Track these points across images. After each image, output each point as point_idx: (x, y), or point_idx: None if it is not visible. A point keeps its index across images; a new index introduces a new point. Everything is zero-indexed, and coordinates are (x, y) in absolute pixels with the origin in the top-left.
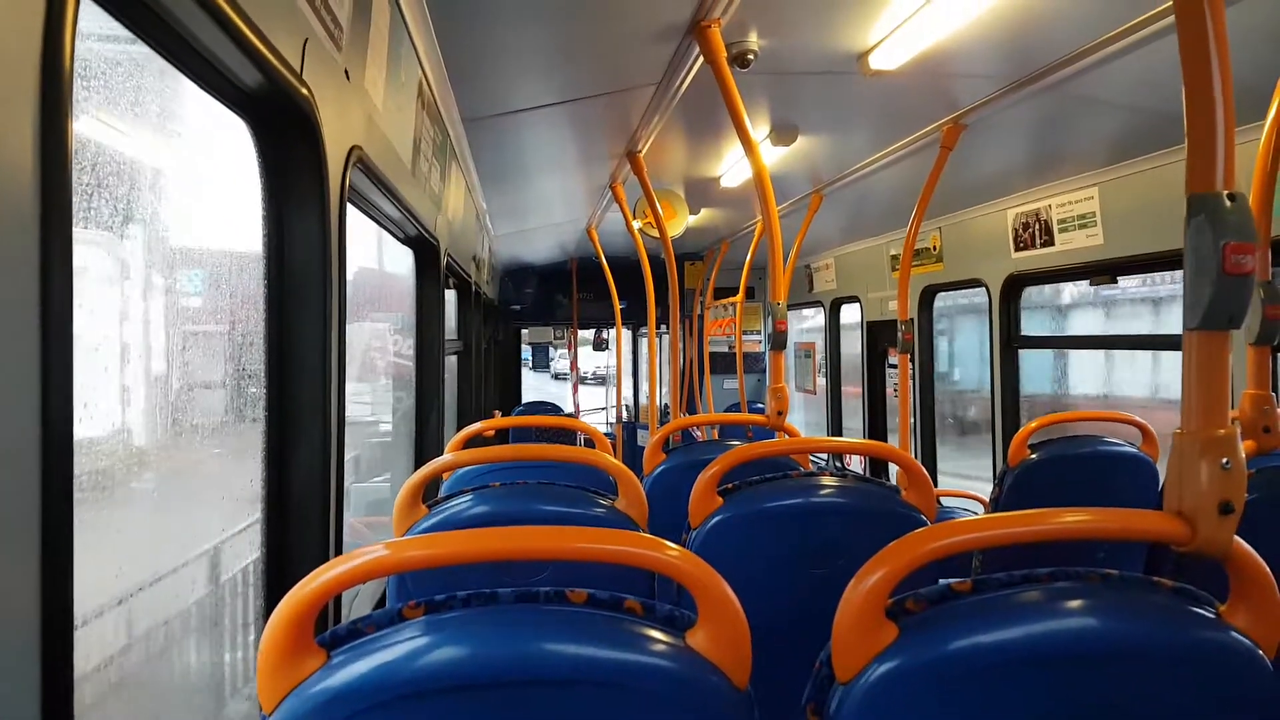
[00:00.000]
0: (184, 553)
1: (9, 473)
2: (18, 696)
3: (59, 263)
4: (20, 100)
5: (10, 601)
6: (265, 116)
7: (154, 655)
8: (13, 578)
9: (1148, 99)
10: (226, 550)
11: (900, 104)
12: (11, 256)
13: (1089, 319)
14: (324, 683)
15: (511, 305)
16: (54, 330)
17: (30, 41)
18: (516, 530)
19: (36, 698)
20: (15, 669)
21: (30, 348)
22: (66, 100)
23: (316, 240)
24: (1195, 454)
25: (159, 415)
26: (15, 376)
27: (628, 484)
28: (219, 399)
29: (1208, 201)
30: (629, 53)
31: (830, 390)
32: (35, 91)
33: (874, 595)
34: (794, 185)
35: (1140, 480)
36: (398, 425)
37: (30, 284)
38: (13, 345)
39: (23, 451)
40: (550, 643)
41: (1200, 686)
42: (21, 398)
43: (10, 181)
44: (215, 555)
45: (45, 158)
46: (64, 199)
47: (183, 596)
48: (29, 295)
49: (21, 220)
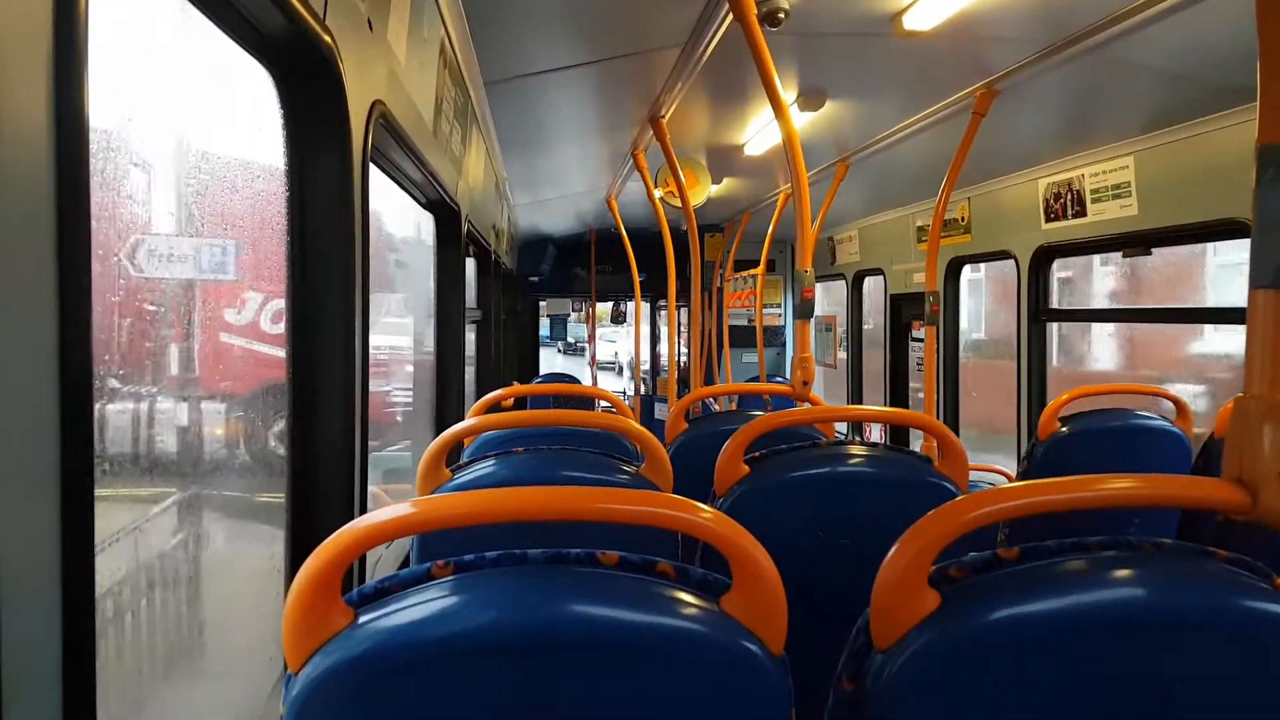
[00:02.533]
0: None
1: (30, 457)
2: (40, 688)
3: (76, 235)
4: (34, 66)
5: (31, 591)
6: (287, 64)
7: None
8: (34, 570)
9: (1188, 64)
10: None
11: (932, 68)
12: (29, 227)
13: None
14: (351, 640)
15: (530, 276)
16: (71, 312)
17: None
18: (545, 490)
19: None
20: (37, 652)
21: (49, 328)
22: (82, 61)
23: (339, 198)
24: (1259, 419)
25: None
26: (33, 358)
27: (652, 450)
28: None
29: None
30: (655, 11)
31: (851, 363)
32: (49, 53)
33: (917, 562)
34: (819, 154)
35: (1174, 455)
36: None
37: (48, 264)
38: (31, 326)
39: (43, 433)
40: (582, 605)
41: (1256, 659)
42: (41, 382)
43: (25, 149)
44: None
45: (60, 120)
46: (81, 166)
47: None
48: (47, 276)
49: (38, 193)
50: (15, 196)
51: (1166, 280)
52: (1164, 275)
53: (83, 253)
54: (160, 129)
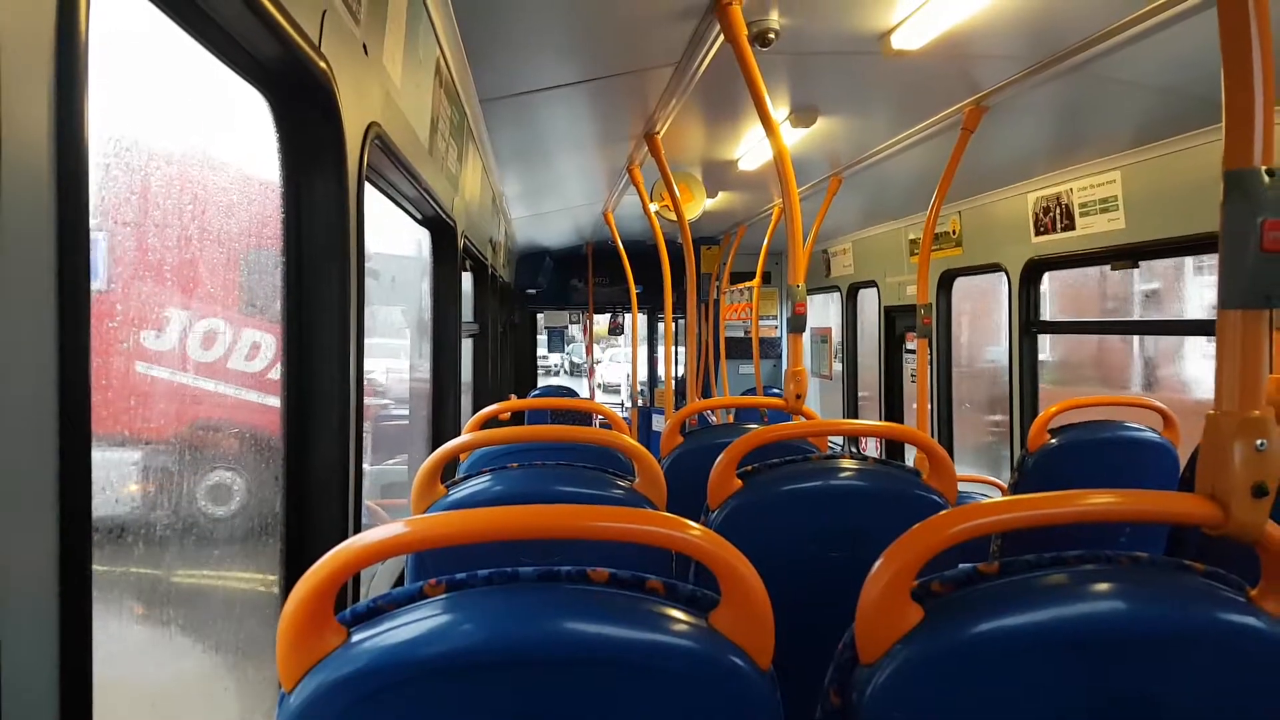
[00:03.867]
0: None
1: (29, 452)
2: (35, 685)
3: (75, 243)
4: (35, 77)
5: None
6: (283, 90)
7: None
8: (33, 566)
9: (1173, 80)
10: None
11: (921, 85)
12: (29, 234)
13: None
14: (345, 659)
15: (527, 289)
16: (70, 313)
17: (44, 13)
18: (538, 508)
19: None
20: (33, 655)
21: (48, 329)
22: (83, 76)
23: (335, 219)
24: (1229, 435)
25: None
26: (32, 360)
27: (646, 465)
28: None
29: (1245, 177)
30: (649, 31)
31: (847, 376)
32: (50, 66)
33: (899, 577)
34: (812, 168)
35: (1162, 466)
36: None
37: (48, 268)
38: (31, 327)
39: (42, 432)
40: (572, 622)
41: (1230, 671)
42: (40, 384)
43: (25, 161)
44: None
45: (60, 133)
46: (79, 176)
47: None
48: (46, 280)
49: (38, 199)
50: (17, 204)
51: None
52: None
53: (82, 258)
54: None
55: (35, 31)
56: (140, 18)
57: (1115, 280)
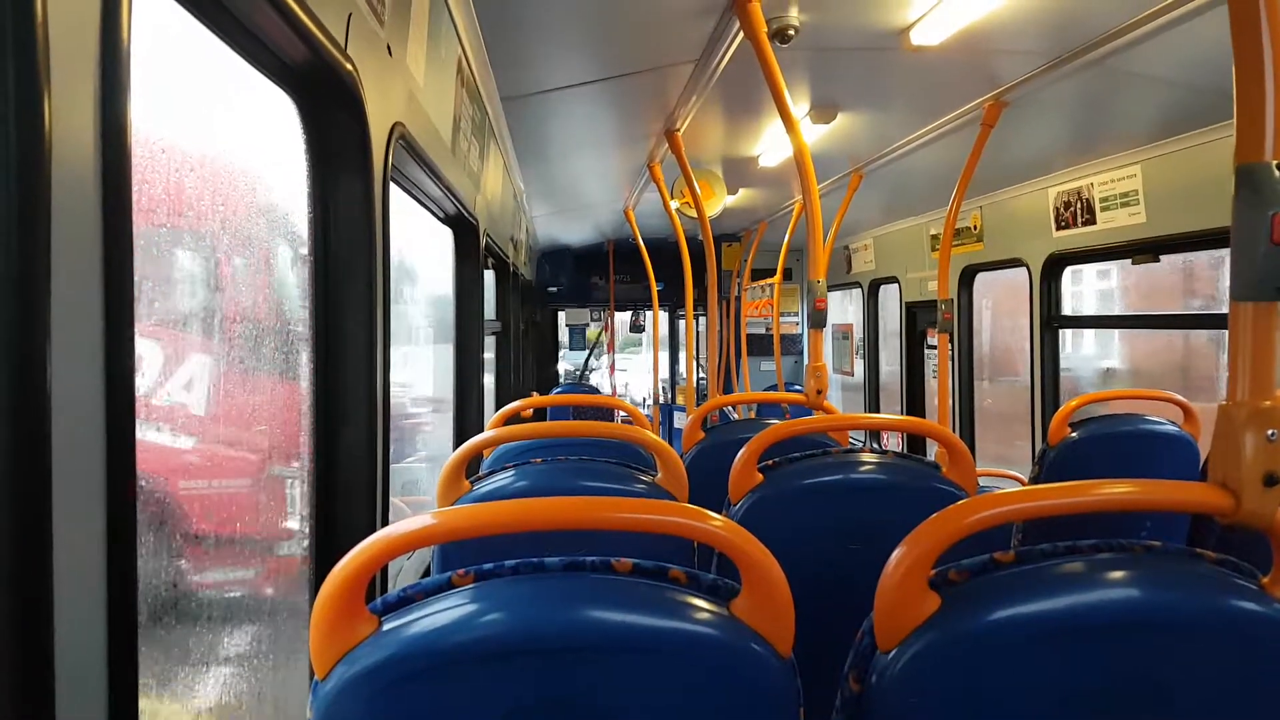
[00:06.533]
0: None
1: (76, 464)
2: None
3: (120, 247)
4: (80, 83)
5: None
6: (310, 92)
7: None
8: (81, 569)
9: (1193, 74)
10: None
11: (941, 81)
12: (76, 239)
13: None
14: (376, 647)
15: (549, 287)
16: (116, 318)
17: (89, 21)
18: (562, 500)
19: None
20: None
21: (95, 335)
22: (125, 80)
23: (361, 218)
24: (1241, 425)
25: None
26: (80, 363)
27: (668, 460)
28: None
29: (1257, 171)
30: (668, 29)
31: (868, 372)
32: (95, 73)
33: (917, 565)
34: (833, 164)
35: (1182, 459)
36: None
37: (94, 272)
38: (78, 333)
39: (89, 439)
40: (597, 610)
41: (1243, 658)
42: (87, 386)
43: (73, 164)
44: None
45: (105, 139)
46: (124, 181)
47: None
48: (93, 284)
49: (85, 203)
50: (66, 205)
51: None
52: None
53: (127, 256)
54: None
55: (81, 35)
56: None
57: (1201, 274)
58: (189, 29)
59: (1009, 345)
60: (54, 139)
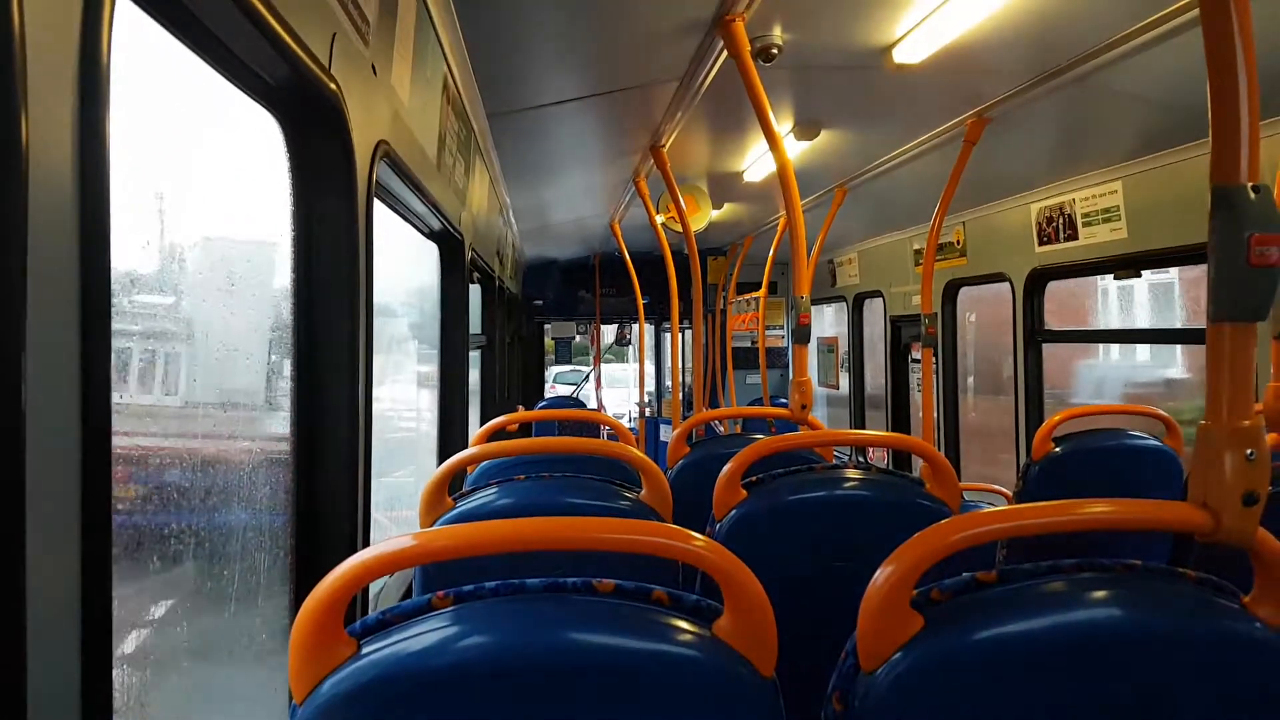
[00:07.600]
0: None
1: (50, 464)
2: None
3: (97, 255)
4: (59, 96)
5: (52, 596)
6: (293, 111)
7: None
8: (55, 573)
9: (1172, 93)
10: None
11: (924, 98)
12: (53, 247)
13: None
14: (355, 671)
15: (534, 300)
16: (93, 323)
17: (68, 36)
18: (543, 521)
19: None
20: (57, 662)
21: (71, 339)
22: (104, 94)
23: (344, 236)
24: (1220, 445)
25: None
26: (56, 368)
27: (652, 476)
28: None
29: (1232, 193)
30: (653, 48)
31: (853, 385)
32: (74, 87)
33: (899, 585)
34: (817, 180)
35: (1165, 473)
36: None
37: (70, 279)
38: (53, 337)
39: (63, 443)
40: (579, 632)
41: (1224, 676)
42: (62, 391)
43: (51, 177)
44: None
45: (84, 153)
46: (102, 192)
47: None
48: (69, 291)
49: (62, 213)
50: (42, 211)
51: None
52: None
53: (104, 262)
54: None
55: (60, 46)
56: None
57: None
58: (169, 47)
59: (994, 360)
60: (30, 152)
